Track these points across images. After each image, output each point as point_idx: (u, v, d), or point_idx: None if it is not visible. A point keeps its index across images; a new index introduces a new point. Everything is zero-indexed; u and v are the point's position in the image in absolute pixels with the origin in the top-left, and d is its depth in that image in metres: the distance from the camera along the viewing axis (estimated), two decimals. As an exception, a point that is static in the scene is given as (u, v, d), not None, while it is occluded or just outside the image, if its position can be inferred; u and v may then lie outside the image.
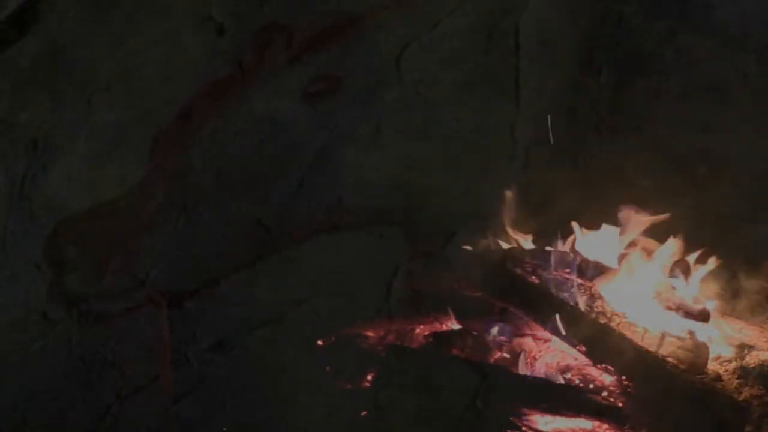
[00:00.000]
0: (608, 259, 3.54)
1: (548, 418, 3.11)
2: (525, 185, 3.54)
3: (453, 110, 3.42)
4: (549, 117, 3.46)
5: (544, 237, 3.57)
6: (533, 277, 3.55)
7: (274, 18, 2.86)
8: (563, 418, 3.12)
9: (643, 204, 3.52)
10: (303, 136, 3.07)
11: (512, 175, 3.52)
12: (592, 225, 3.60)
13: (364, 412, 3.10)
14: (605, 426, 3.09)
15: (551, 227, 3.62)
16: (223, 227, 3.05)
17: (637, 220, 3.55)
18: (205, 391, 3.11)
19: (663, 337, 3.27)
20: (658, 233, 3.60)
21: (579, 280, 3.49)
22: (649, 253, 3.54)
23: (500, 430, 3.08)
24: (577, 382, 3.31)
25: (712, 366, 3.25)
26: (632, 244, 3.52)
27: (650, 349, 3.24)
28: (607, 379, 3.27)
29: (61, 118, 2.66)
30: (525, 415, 3.15)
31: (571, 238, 3.57)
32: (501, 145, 3.51)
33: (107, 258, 2.91)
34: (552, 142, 3.52)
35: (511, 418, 3.13)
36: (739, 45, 3.58)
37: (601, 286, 3.49)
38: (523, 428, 3.09)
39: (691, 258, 3.49)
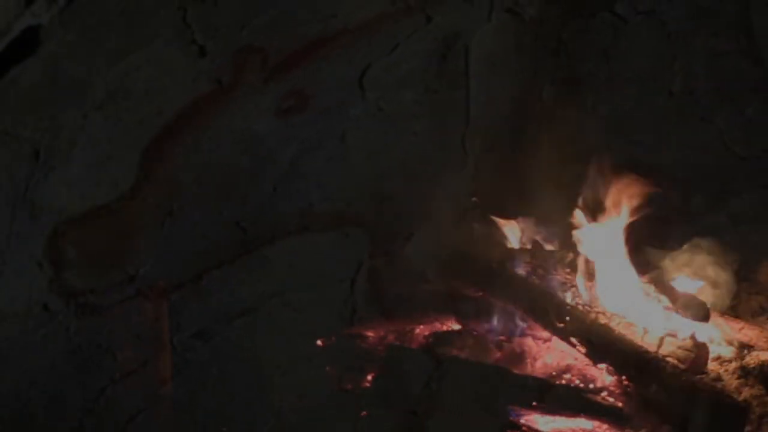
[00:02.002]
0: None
1: (548, 418, 3.07)
2: (474, 191, 3.55)
3: (410, 124, 3.38)
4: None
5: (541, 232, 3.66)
6: (533, 277, 3.53)
7: (251, 42, 2.87)
8: (563, 418, 3.07)
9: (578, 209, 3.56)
10: (276, 147, 3.09)
11: (462, 183, 3.58)
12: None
13: (331, 394, 3.20)
14: (605, 426, 3.05)
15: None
16: (206, 228, 3.05)
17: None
18: (188, 375, 3.14)
19: (663, 337, 3.19)
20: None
21: (580, 280, 3.47)
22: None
23: (452, 407, 3.11)
24: (577, 382, 3.26)
25: (712, 366, 3.19)
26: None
27: (650, 349, 3.16)
28: (607, 379, 3.24)
29: (60, 130, 2.68)
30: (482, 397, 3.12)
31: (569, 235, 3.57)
32: (453, 155, 3.52)
33: (102, 256, 2.93)
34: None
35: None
36: (665, 67, 3.57)
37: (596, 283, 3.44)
38: (523, 428, 3.04)
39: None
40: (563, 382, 3.25)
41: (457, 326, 3.55)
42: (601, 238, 3.50)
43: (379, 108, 3.28)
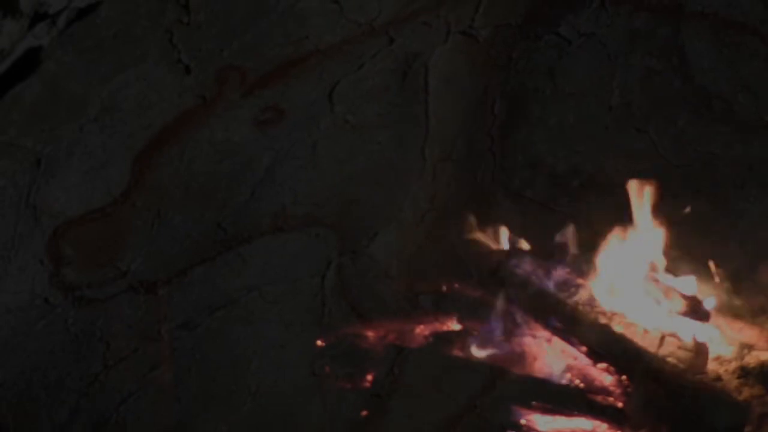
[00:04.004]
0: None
1: (548, 418, 3.02)
2: (432, 196, 3.61)
3: (374, 135, 3.40)
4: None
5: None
6: (533, 277, 3.41)
7: (231, 61, 2.88)
8: (563, 418, 3.01)
9: (527, 212, 3.67)
10: (254, 155, 3.11)
11: (422, 188, 3.60)
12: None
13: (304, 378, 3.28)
14: (605, 426, 2.97)
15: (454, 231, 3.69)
16: (190, 229, 3.08)
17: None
18: (174, 361, 3.15)
19: (663, 337, 3.09)
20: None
21: (579, 280, 3.38)
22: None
23: (412, 390, 3.20)
24: (577, 382, 3.18)
25: (712, 366, 3.11)
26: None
27: (650, 349, 3.07)
28: (607, 379, 3.16)
29: (59, 141, 2.67)
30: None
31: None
32: (413, 163, 3.57)
33: (97, 253, 2.94)
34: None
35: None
36: (605, 83, 3.62)
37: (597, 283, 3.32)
38: (523, 428, 2.97)
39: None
40: (563, 382, 3.20)
41: (457, 326, 3.54)
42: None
43: (346, 120, 3.31)
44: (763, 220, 3.50)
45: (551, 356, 3.34)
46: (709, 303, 3.34)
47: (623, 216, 3.60)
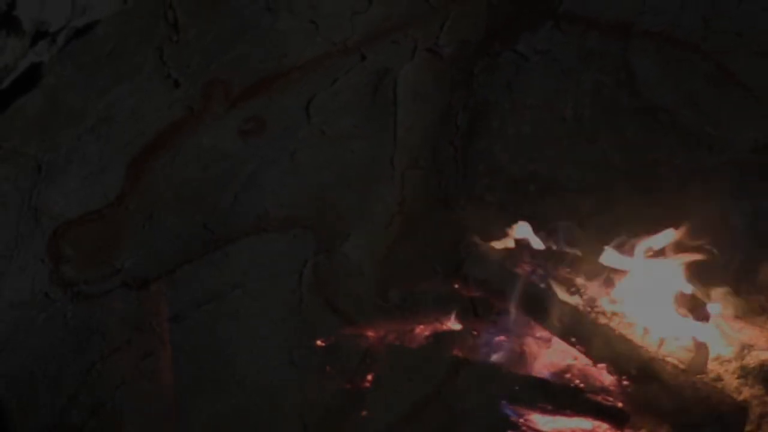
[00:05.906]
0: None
1: (548, 418, 2.93)
2: (401, 201, 3.62)
3: (348, 145, 3.46)
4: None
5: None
6: (533, 277, 3.34)
7: (217, 76, 2.92)
8: (563, 418, 2.93)
9: (488, 215, 3.63)
10: (238, 162, 3.15)
11: (391, 193, 3.64)
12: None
13: (284, 367, 3.33)
14: (605, 426, 2.88)
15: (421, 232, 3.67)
16: (179, 230, 3.11)
17: None
18: (164, 353, 3.17)
19: (663, 337, 3.05)
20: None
21: (580, 279, 3.34)
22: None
23: (384, 378, 3.24)
24: (577, 382, 3.10)
25: (712, 366, 3.01)
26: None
27: (650, 349, 3.01)
28: (607, 379, 3.08)
29: (58, 149, 2.71)
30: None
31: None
32: (383, 170, 3.60)
33: (93, 252, 2.98)
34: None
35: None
36: (559, 97, 3.67)
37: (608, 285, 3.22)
38: (524, 428, 2.90)
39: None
40: (563, 382, 3.14)
41: (457, 326, 3.50)
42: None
43: (323, 131, 3.36)
44: (704, 220, 3.53)
45: (551, 356, 3.29)
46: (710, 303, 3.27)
47: (576, 218, 3.67)
